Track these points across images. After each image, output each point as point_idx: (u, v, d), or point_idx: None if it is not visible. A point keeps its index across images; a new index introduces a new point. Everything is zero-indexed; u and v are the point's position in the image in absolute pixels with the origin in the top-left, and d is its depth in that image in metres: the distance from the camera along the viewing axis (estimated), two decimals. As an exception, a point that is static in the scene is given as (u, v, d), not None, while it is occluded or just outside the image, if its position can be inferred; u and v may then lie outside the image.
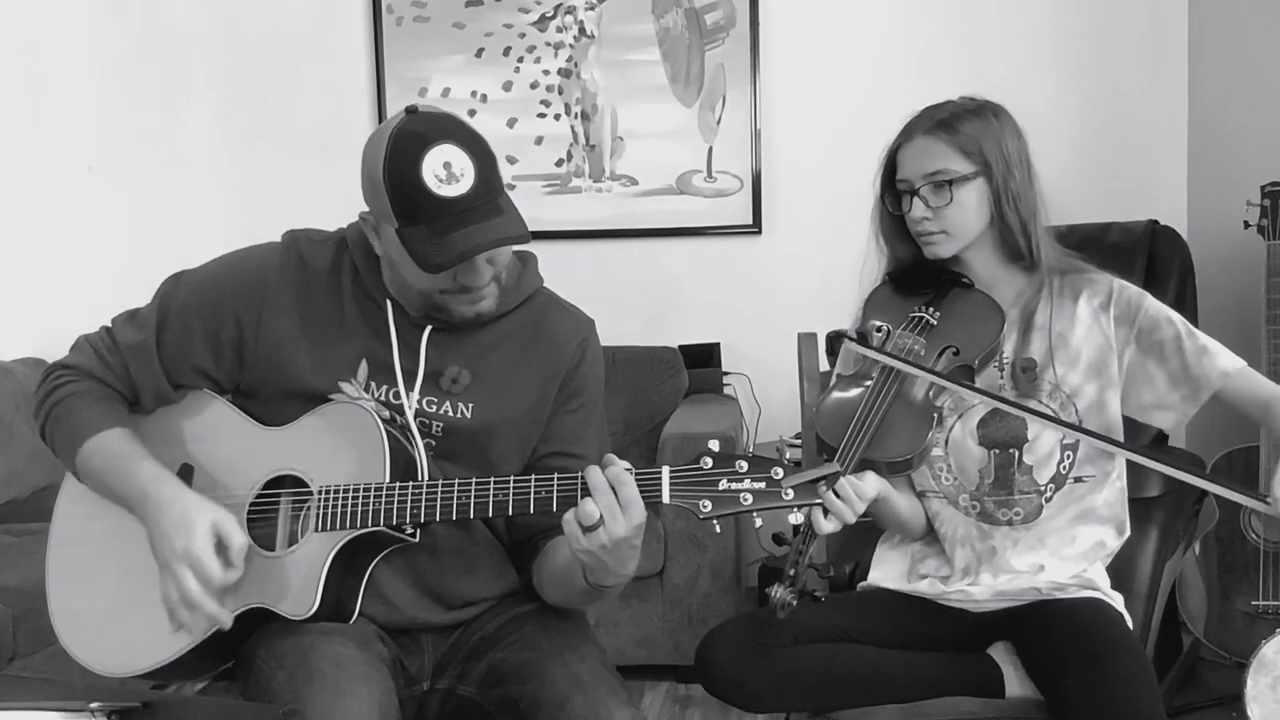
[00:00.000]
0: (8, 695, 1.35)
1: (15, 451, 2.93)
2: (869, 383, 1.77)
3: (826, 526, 1.63)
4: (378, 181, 1.49)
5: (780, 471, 1.40)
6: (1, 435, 2.93)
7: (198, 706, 1.60)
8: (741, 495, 1.40)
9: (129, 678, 1.60)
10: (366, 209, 1.57)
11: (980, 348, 1.80)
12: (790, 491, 1.39)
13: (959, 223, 1.80)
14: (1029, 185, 1.82)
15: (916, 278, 1.88)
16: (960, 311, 1.83)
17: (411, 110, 1.52)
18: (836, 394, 1.82)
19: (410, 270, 1.52)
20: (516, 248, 1.59)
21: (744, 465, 1.41)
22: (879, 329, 1.84)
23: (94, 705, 1.20)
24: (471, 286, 1.55)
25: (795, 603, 1.64)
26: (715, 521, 1.42)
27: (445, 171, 1.46)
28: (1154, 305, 1.81)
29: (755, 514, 1.41)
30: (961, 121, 1.79)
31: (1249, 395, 1.75)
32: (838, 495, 1.63)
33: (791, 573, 1.64)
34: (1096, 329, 1.81)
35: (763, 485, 1.40)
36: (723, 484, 1.40)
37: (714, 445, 1.43)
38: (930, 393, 1.78)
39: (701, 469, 1.41)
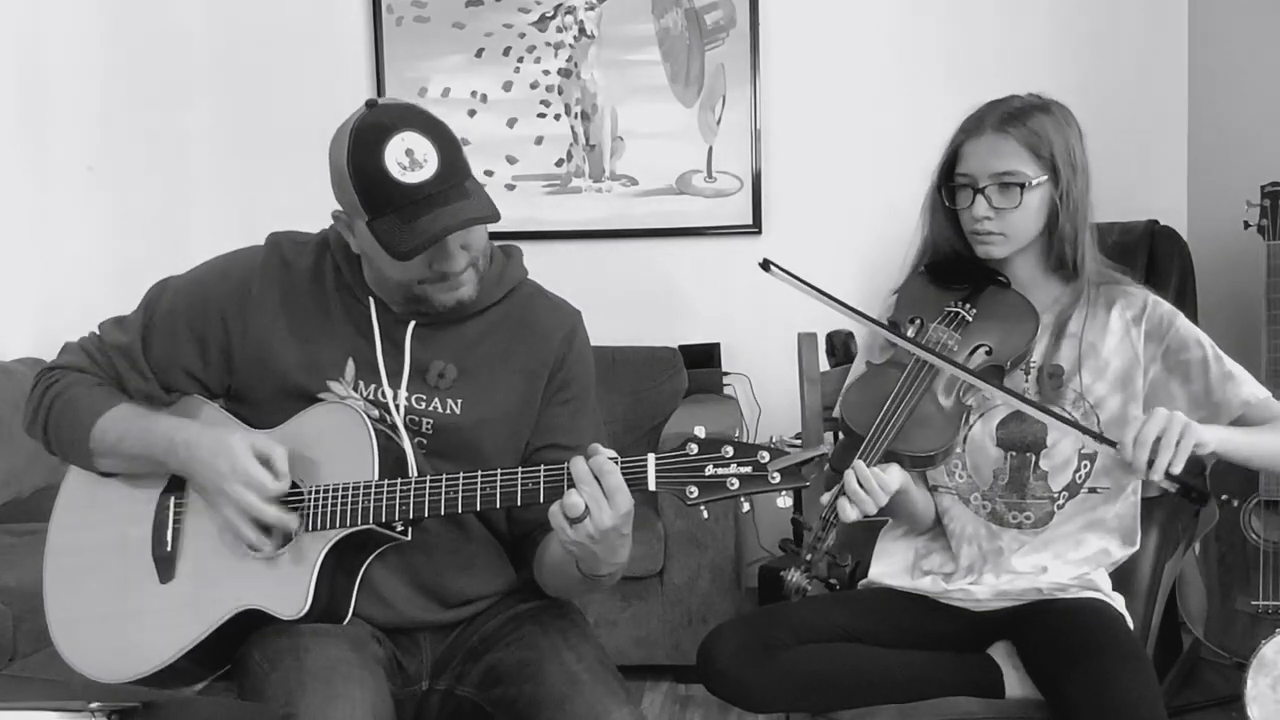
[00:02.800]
0: (8, 695, 1.35)
1: (15, 451, 2.92)
2: (900, 373, 1.75)
3: (851, 514, 1.61)
4: (344, 176, 1.49)
5: (766, 455, 1.39)
6: (1, 435, 2.92)
7: (197, 707, 1.60)
8: (728, 480, 1.39)
9: (126, 684, 1.59)
10: (339, 208, 1.57)
11: (1013, 349, 1.77)
12: (777, 475, 1.38)
13: (1020, 226, 1.76)
14: (1086, 193, 1.78)
15: (953, 271, 1.85)
16: (996, 311, 1.80)
17: (370, 104, 1.52)
18: (865, 381, 1.80)
19: (386, 262, 1.52)
20: (501, 241, 1.61)
21: (730, 450, 1.40)
22: (913, 320, 1.82)
23: (94, 705, 1.21)
24: (448, 273, 1.55)
25: (810, 588, 1.63)
26: (703, 507, 1.41)
27: (408, 159, 1.46)
28: (1185, 325, 1.79)
29: (743, 499, 1.41)
30: (1032, 119, 1.75)
31: (1264, 422, 1.72)
32: (861, 486, 1.62)
33: (808, 558, 1.63)
34: (1127, 342, 1.79)
35: (749, 470, 1.39)
36: (709, 469, 1.40)
37: (699, 431, 1.42)
38: (960, 391, 1.76)
39: (687, 455, 1.41)
